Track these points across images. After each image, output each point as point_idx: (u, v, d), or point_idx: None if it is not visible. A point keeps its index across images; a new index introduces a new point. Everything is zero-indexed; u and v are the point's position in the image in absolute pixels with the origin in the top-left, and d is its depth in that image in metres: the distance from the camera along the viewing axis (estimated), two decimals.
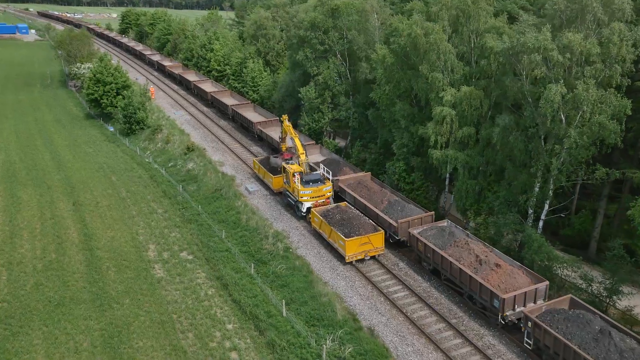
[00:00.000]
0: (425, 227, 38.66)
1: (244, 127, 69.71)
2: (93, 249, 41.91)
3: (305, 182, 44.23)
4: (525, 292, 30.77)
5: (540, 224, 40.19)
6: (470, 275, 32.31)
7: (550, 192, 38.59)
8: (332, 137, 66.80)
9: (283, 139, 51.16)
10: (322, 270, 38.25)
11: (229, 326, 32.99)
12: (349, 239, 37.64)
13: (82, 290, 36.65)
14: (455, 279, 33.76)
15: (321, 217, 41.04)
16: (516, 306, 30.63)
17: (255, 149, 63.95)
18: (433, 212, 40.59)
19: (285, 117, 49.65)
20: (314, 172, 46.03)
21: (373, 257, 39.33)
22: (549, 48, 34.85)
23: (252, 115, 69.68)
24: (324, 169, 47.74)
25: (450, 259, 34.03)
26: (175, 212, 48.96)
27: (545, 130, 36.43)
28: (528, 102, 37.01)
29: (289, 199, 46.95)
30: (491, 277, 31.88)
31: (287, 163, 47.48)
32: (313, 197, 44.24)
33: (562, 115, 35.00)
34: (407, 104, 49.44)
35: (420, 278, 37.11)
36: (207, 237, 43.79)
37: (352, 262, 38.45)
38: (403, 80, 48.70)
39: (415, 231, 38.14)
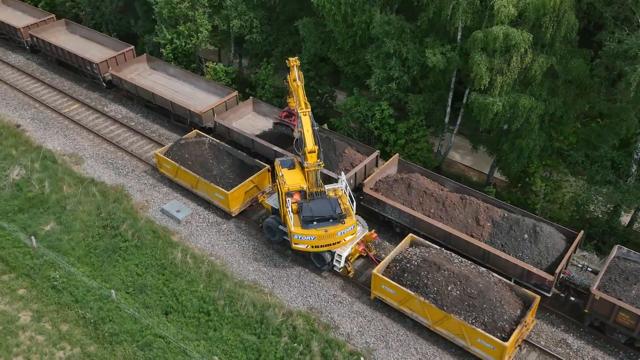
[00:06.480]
0: (605, 274, 22.23)
1: (63, 63, 41.19)
2: None
3: (306, 221, 23.34)
4: None
5: None
6: None
7: None
8: (201, 60, 43.14)
9: (289, 93, 27.49)
10: None
11: None
12: (510, 339, 19.87)
13: None
14: None
15: (411, 293, 21.65)
16: None
17: (115, 108, 37.42)
18: (581, 232, 24.03)
19: (294, 61, 25.58)
20: (323, 197, 24.04)
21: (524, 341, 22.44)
22: None
23: (75, 44, 40.95)
24: (343, 182, 25.36)
25: None
26: (62, 313, 23.97)
27: None
28: None
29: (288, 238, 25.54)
30: None
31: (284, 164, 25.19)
32: (317, 247, 23.61)
33: None
34: (390, 12, 31.50)
35: None
36: None
37: None
38: None
39: (594, 287, 21.68)
